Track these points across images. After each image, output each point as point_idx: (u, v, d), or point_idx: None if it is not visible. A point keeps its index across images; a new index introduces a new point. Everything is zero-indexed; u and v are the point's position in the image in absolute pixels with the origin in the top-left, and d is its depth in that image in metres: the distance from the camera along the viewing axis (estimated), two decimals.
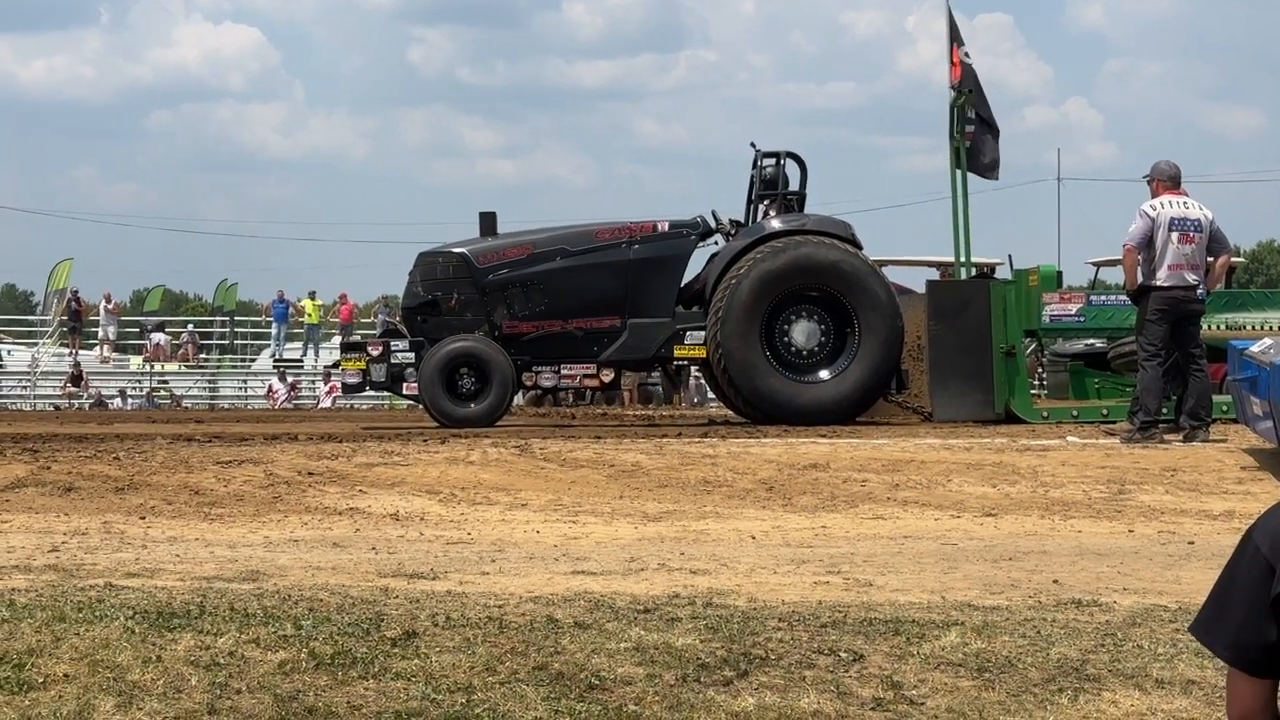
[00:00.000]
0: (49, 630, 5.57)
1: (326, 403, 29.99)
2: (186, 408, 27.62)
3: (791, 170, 16.62)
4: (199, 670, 5.23)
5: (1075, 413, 15.76)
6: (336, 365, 17.13)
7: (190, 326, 44.97)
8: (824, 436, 13.12)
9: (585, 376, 15.93)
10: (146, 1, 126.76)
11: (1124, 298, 16.24)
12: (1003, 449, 12.09)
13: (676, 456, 11.48)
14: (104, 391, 36.79)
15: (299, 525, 9.27)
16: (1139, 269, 13.01)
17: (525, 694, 5.09)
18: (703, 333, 15.65)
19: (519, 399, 27.33)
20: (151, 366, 39.99)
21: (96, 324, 41.62)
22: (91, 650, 5.35)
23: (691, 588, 6.81)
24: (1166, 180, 13.09)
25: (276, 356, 39.81)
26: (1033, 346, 19.02)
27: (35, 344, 41.02)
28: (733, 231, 16.24)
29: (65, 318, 40.43)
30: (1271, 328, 15.72)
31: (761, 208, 16.55)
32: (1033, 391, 17.92)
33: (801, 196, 16.61)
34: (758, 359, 15.43)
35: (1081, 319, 15.96)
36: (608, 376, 16.01)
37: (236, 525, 9.23)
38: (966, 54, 16.74)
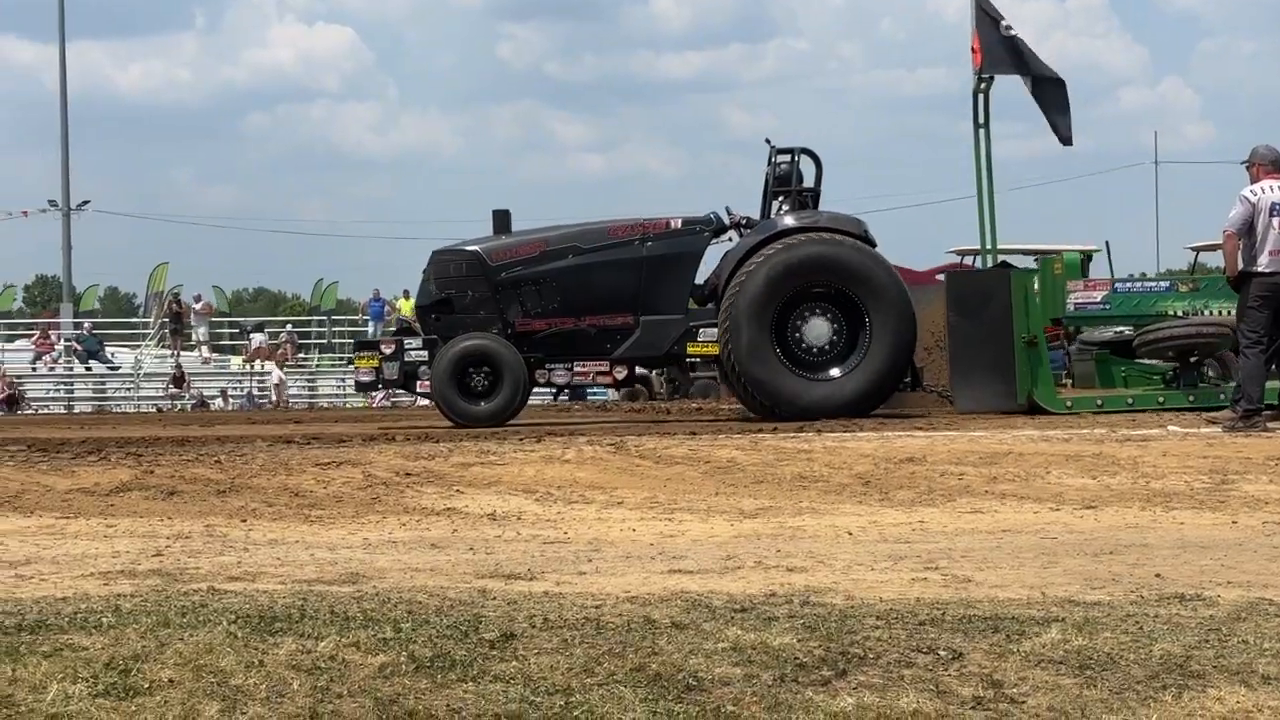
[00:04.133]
0: (154, 635, 5.64)
1: (426, 401, 30.19)
2: (287, 407, 27.91)
3: (807, 167, 16.57)
4: (301, 674, 5.28)
5: (1100, 402, 15.56)
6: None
7: (289, 326, 45.43)
8: (920, 429, 13.04)
9: (598, 374, 16.08)
10: (241, 4, 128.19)
11: (1150, 284, 16.36)
12: (1102, 440, 11.96)
13: (772, 452, 11.45)
14: (205, 392, 37.27)
15: (397, 526, 9.34)
16: (1239, 255, 12.82)
17: (623, 695, 5.10)
18: (715, 330, 15.65)
19: (614, 395, 27.40)
20: (251, 366, 40.45)
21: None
22: (195, 655, 5.41)
23: (788, 586, 6.79)
24: (1267, 165, 12.91)
25: None
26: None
27: (138, 346, 41.60)
28: (746, 228, 16.21)
29: (166, 320, 40.97)
30: None
31: (775, 204, 16.49)
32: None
33: (816, 193, 16.48)
34: (769, 356, 15.43)
35: (1107, 306, 15.85)
36: (621, 374, 16.12)
37: (336, 527, 9.32)
38: (1008, 27, 16.38)
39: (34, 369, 38.22)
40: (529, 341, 15.87)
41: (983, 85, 16.50)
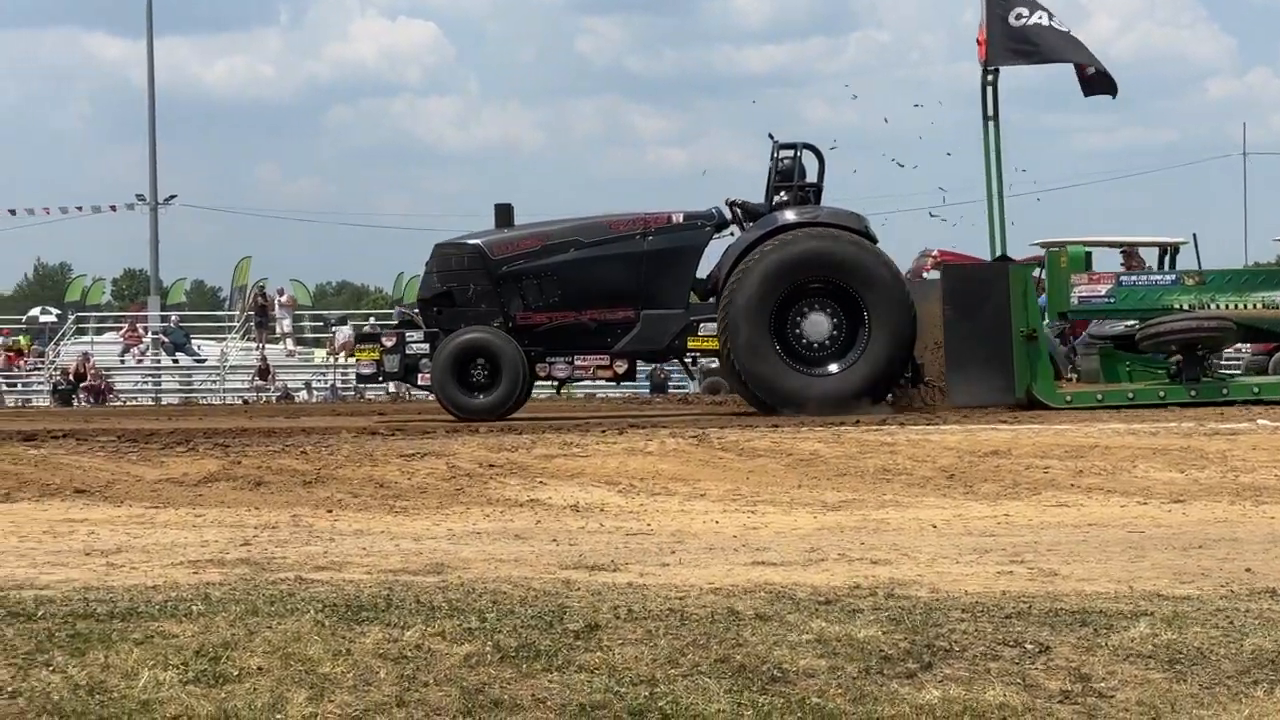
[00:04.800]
0: (243, 624, 5.70)
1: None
2: (370, 399, 28.10)
3: (811, 163, 16.46)
4: (387, 663, 5.32)
5: (1100, 396, 15.41)
6: None
7: (372, 320, 45.72)
8: (1004, 422, 12.95)
9: (599, 367, 16.05)
10: (324, 0, 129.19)
11: (1155, 278, 16.02)
12: (1190, 433, 11.83)
13: (855, 444, 11.41)
14: (289, 384, 37.58)
15: (481, 517, 9.38)
16: None
17: (708, 686, 5.10)
18: (716, 324, 15.55)
19: (694, 387, 27.34)
20: (335, 359, 40.75)
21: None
22: (284, 643, 5.46)
23: (872, 578, 6.77)
24: None
25: None
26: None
27: (223, 339, 42.01)
28: (747, 217, 16.13)
29: (251, 313, 41.33)
30: None
31: (777, 200, 16.30)
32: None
33: (818, 189, 16.39)
34: (767, 351, 15.36)
35: (1111, 300, 15.61)
36: (621, 367, 16.08)
37: (420, 518, 9.38)
38: (1019, 15, 16.00)
39: (122, 361, 38.68)
40: (530, 335, 15.91)
41: (989, 78, 16.20)
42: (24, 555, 7.74)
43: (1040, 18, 15.93)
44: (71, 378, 32.54)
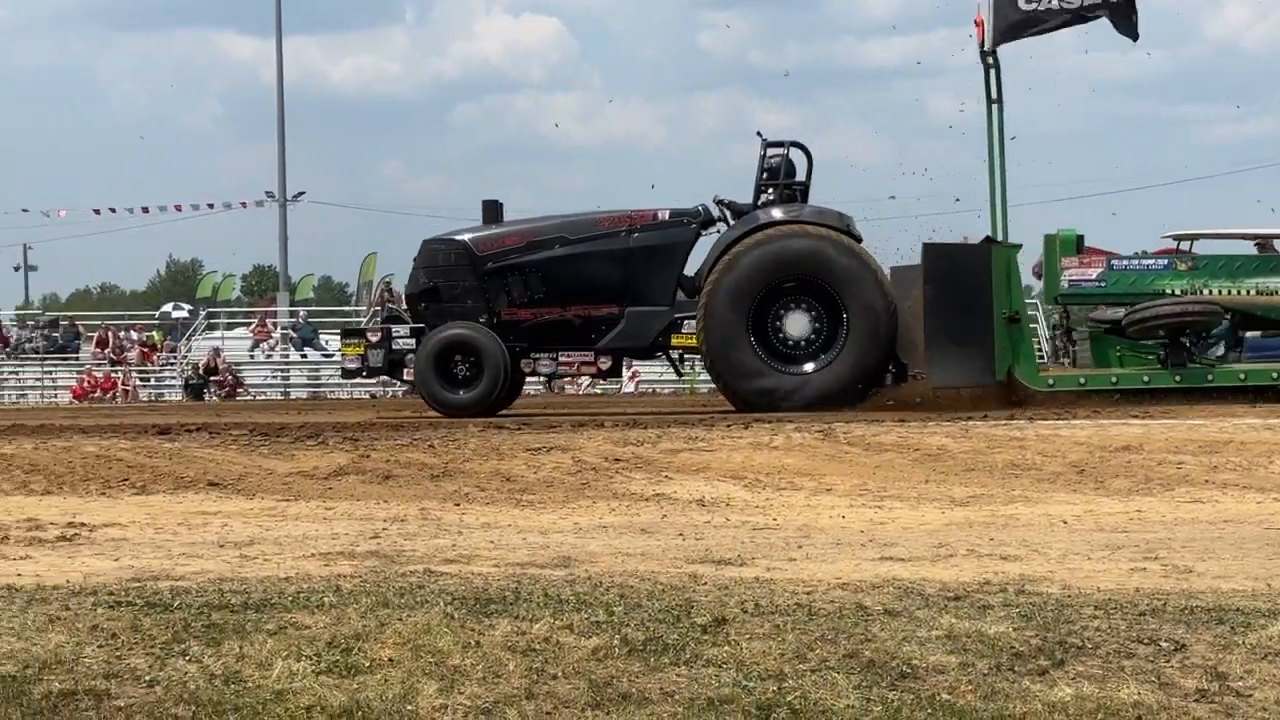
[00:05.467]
0: (374, 615, 5.76)
1: (630, 388, 30.36)
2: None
3: (800, 161, 16.35)
4: (516, 655, 5.35)
5: (1083, 380, 15.17)
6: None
7: None
8: (1135, 417, 12.75)
9: (583, 364, 16.09)
10: None
11: (1147, 262, 15.64)
12: None
13: (983, 439, 11.30)
14: None
15: (607, 511, 9.41)
16: None
17: (836, 682, 5.08)
18: None
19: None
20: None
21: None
22: (414, 635, 5.52)
23: (1002, 574, 6.70)
24: None
25: None
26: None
27: None
28: (734, 215, 16.01)
29: (378, 308, 41.72)
30: None
31: (765, 198, 16.15)
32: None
33: (805, 187, 16.29)
34: (743, 348, 15.30)
35: (1102, 284, 15.35)
36: (605, 364, 16.11)
37: (547, 511, 9.42)
38: None
39: (252, 356, 39.24)
40: (515, 331, 15.99)
41: (990, 60, 15.83)
42: (160, 547, 7.89)
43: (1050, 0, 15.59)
44: (202, 372, 33.07)
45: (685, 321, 15.75)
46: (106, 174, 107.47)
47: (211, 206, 46.01)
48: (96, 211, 43.98)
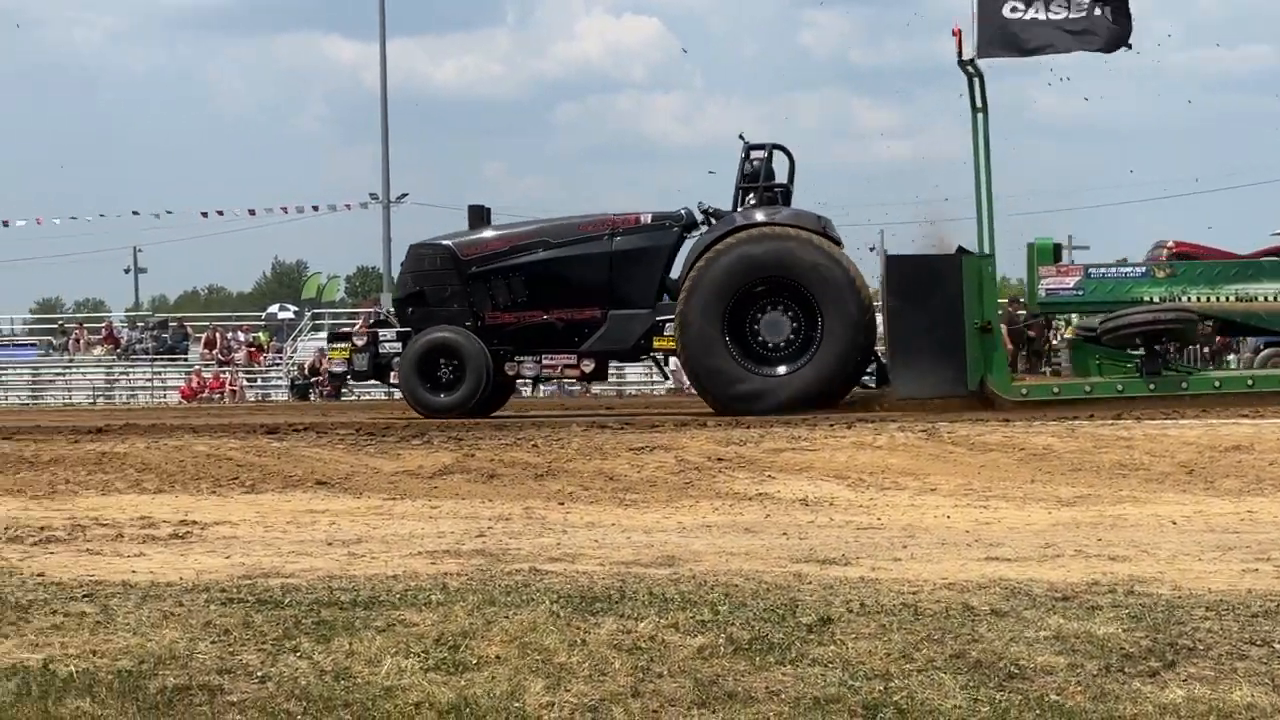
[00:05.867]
0: (480, 613, 5.81)
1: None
2: (595, 394, 28.39)
3: (782, 164, 16.34)
4: (622, 654, 5.37)
5: (1056, 389, 15.04)
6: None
7: None
8: (1246, 416, 12.56)
9: (566, 366, 16.17)
10: None
11: (1125, 270, 15.29)
12: None
13: (1089, 439, 11.18)
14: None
15: (710, 511, 9.41)
16: None
17: (943, 682, 5.05)
18: None
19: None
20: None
21: None
22: (520, 633, 5.56)
23: (1111, 575, 6.64)
24: None
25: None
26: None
27: None
28: (717, 220, 15.99)
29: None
30: None
31: (750, 200, 16.11)
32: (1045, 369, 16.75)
33: (786, 189, 16.31)
34: (720, 350, 15.27)
35: (1080, 293, 15.11)
36: (588, 367, 16.18)
37: (650, 511, 9.44)
38: (1015, 8, 15.22)
39: None
40: (499, 334, 16.10)
41: (970, 69, 15.39)
42: (270, 545, 7.99)
43: (1036, 10, 15.25)
44: (307, 372, 33.42)
45: (667, 324, 15.78)
46: (214, 177, 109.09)
47: (316, 209, 46.43)
48: (204, 214, 44.60)
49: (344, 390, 33.39)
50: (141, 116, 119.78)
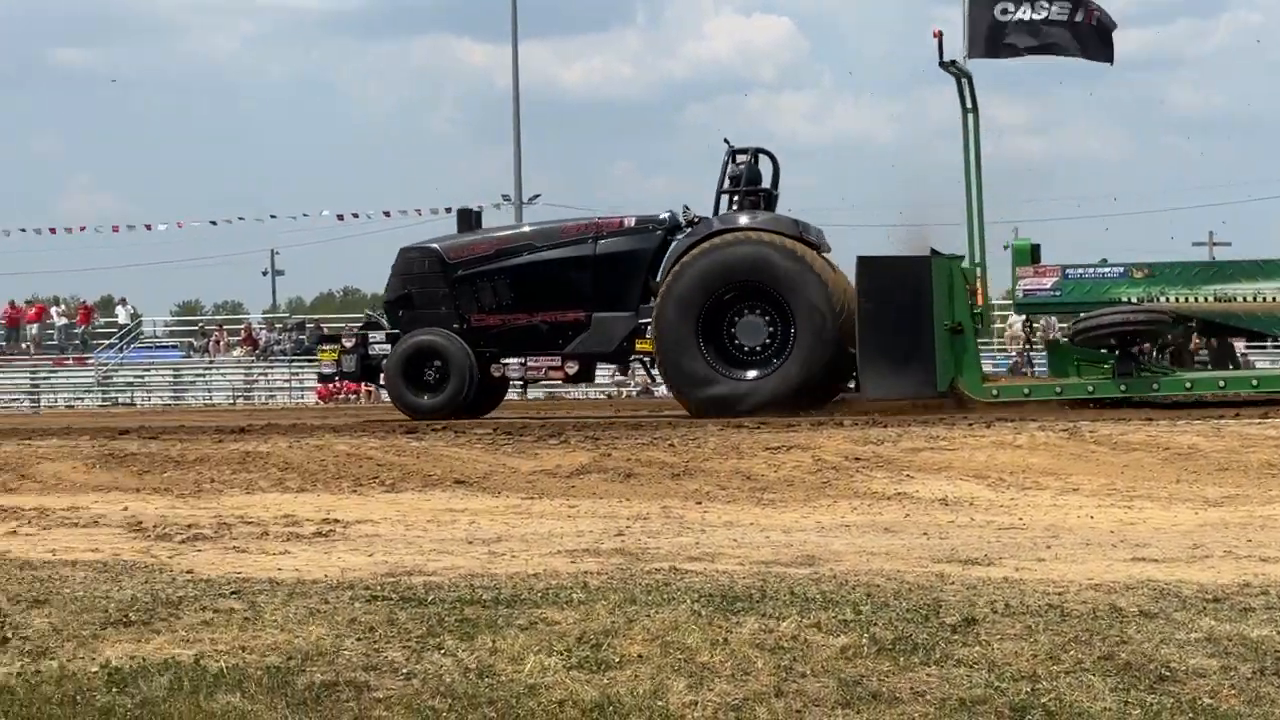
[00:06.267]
0: (621, 612, 5.82)
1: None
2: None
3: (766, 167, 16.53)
4: (764, 653, 5.35)
5: (1027, 390, 15.04)
6: None
7: None
8: None
9: (550, 368, 16.38)
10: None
11: (1102, 270, 15.09)
12: None
13: (1236, 438, 10.97)
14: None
15: (848, 510, 9.36)
16: None
17: (1092, 684, 4.98)
18: None
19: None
20: None
21: None
22: (662, 632, 5.56)
23: (1263, 576, 6.50)
24: None
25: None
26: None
27: None
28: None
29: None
30: (1267, 299, 14.48)
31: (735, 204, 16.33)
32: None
33: (769, 194, 16.43)
34: (693, 354, 15.47)
35: (1058, 294, 15.02)
36: (572, 368, 16.38)
37: (788, 510, 9.41)
38: (1005, 9, 15.21)
39: None
40: (484, 336, 16.34)
41: (954, 70, 15.52)
42: (411, 543, 8.07)
43: (1024, 11, 15.33)
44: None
45: (649, 327, 15.92)
46: (350, 180, 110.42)
47: (450, 210, 46.82)
48: (340, 217, 45.14)
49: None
50: (278, 121, 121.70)
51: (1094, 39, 15.48)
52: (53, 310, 44.26)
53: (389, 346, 16.62)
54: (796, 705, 4.98)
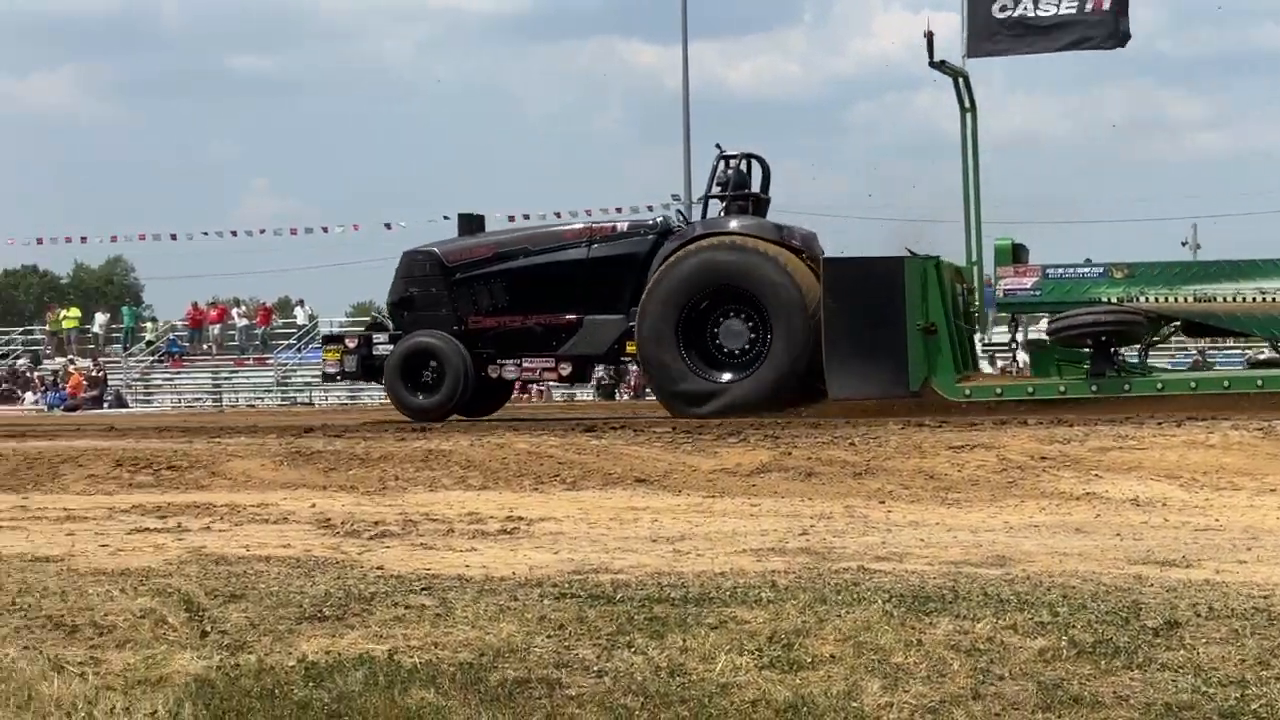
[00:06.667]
0: (812, 612, 5.76)
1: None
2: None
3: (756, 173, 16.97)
4: (959, 655, 5.26)
5: (999, 390, 15.09)
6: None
7: None
8: None
9: (545, 369, 16.94)
10: None
11: (1082, 270, 15.05)
12: None
13: None
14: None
15: (1036, 510, 9.18)
16: None
17: None
18: None
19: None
20: None
21: None
22: (854, 632, 5.48)
23: None
24: None
25: (985, 341, 39.63)
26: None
27: None
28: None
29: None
30: (1246, 299, 14.43)
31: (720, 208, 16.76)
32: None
33: (757, 198, 16.77)
34: (671, 354, 15.81)
35: (1038, 293, 15.05)
36: (566, 369, 16.83)
37: (974, 510, 9.26)
38: (1004, 7, 15.28)
39: None
40: (482, 338, 16.79)
41: (946, 67, 15.57)
42: (595, 541, 8.08)
43: (1025, 8, 15.35)
44: (614, 373, 33.88)
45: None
46: (519, 181, 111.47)
47: (620, 210, 47.02)
48: (511, 218, 45.49)
49: (646, 391, 33.77)
50: (449, 123, 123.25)
51: (1108, 23, 15.45)
52: (234, 311, 45.35)
53: (391, 347, 17.09)
54: (995, 708, 4.88)
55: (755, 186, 16.97)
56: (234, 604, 6.16)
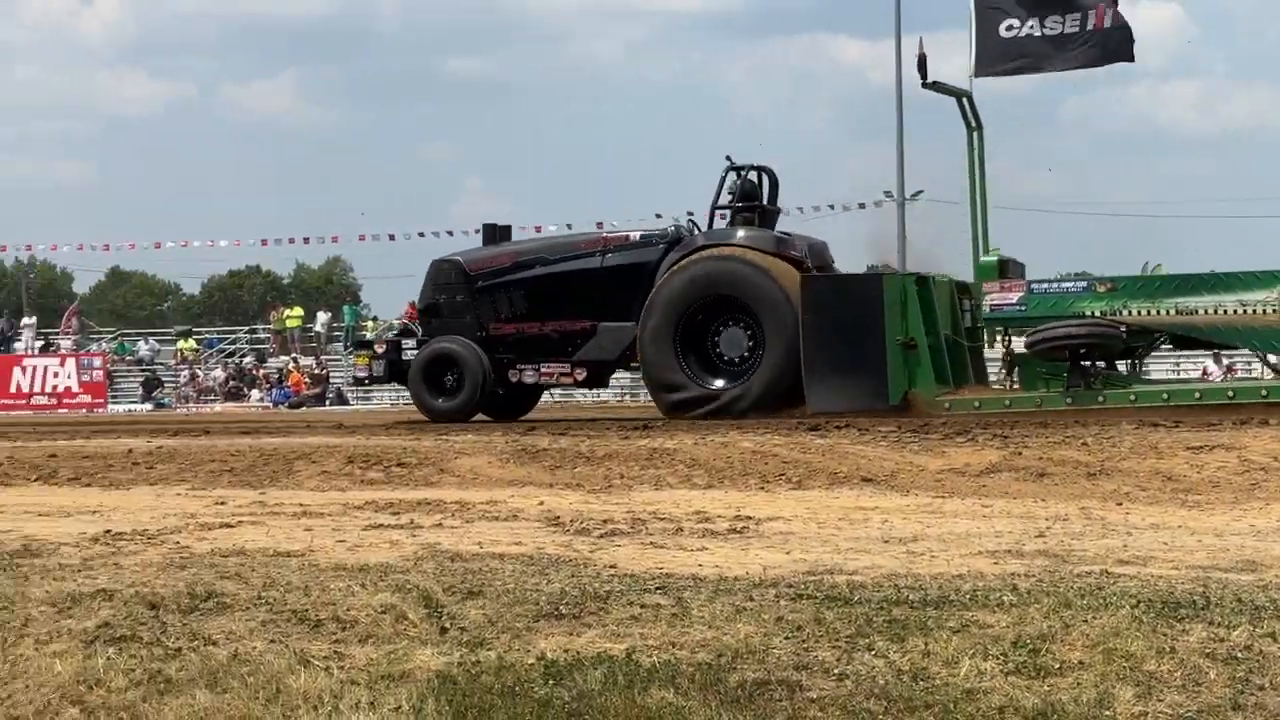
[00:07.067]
0: (1056, 616, 5.60)
1: None
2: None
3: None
4: (1216, 663, 5.08)
5: (977, 404, 15.19)
6: None
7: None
8: None
9: (562, 374, 17.44)
10: None
11: (1066, 285, 15.36)
12: None
13: None
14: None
15: None
16: None
17: None
18: None
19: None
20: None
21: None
22: (1102, 638, 5.32)
23: None
24: None
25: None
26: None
27: None
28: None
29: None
30: (1226, 311, 14.60)
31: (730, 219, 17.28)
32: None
33: (764, 209, 17.29)
34: (668, 359, 16.39)
35: (1023, 308, 15.28)
36: (581, 374, 17.40)
37: (1216, 512, 8.96)
38: (1010, 26, 15.48)
39: None
40: (502, 344, 17.51)
41: (942, 88, 15.97)
42: (826, 541, 7.98)
43: (1032, 27, 15.53)
44: None
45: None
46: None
47: (833, 208, 46.72)
48: (712, 215, 45.46)
49: None
50: (660, 123, 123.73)
51: (1110, 41, 15.69)
52: None
53: (418, 352, 17.78)
54: (1256, 719, 4.71)
55: (765, 198, 17.60)
56: (471, 601, 6.19)
